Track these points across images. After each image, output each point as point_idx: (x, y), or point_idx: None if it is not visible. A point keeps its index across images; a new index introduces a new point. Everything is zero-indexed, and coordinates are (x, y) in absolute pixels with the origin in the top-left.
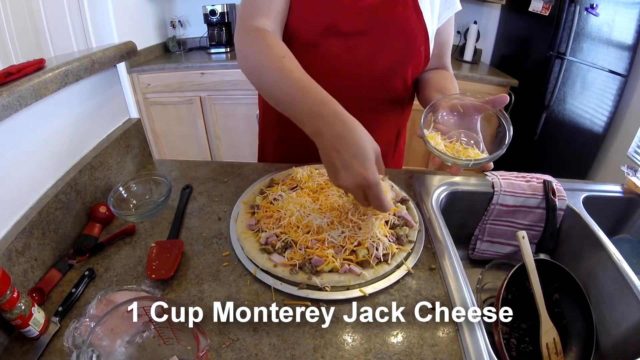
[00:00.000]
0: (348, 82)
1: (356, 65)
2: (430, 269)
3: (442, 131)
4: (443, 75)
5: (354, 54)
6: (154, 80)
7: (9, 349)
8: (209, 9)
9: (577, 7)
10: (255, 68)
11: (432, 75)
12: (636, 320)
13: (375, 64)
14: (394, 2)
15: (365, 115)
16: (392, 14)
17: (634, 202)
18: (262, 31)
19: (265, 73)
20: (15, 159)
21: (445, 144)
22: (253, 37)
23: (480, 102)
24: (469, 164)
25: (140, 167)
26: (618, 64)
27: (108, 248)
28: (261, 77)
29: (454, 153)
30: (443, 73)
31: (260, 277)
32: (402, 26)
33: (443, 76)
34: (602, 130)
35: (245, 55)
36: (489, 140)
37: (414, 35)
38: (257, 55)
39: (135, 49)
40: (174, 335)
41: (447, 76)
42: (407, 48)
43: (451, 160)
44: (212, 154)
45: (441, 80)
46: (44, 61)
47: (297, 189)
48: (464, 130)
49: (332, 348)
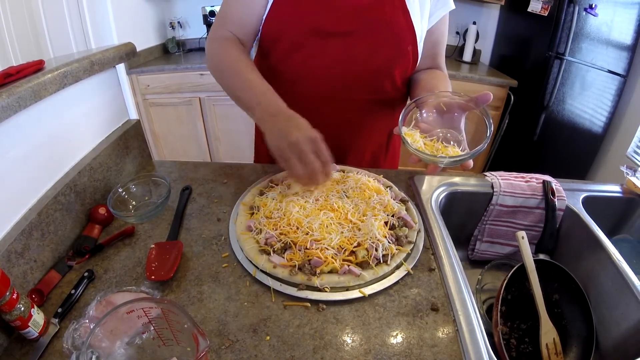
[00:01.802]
0: (335, 84)
1: (343, 67)
2: (430, 270)
3: (424, 129)
4: (435, 75)
5: (340, 54)
6: (153, 81)
7: (8, 350)
8: (208, 10)
9: (576, 8)
10: (220, 71)
11: (424, 75)
12: (636, 320)
13: (362, 65)
14: (381, 3)
15: (354, 116)
16: (379, 15)
17: (634, 202)
18: (227, 40)
19: (224, 73)
20: (15, 160)
21: (425, 142)
22: (218, 44)
23: (464, 101)
24: (444, 161)
25: (140, 168)
26: (617, 64)
27: (107, 249)
28: (222, 75)
29: (432, 151)
30: (435, 73)
31: (259, 278)
32: (390, 27)
33: (434, 76)
34: (601, 131)
35: (210, 59)
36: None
37: (402, 36)
38: (220, 59)
39: (135, 50)
40: (173, 337)
41: (438, 76)
42: (395, 49)
43: (428, 158)
44: (211, 155)
45: (432, 80)
46: (43, 62)
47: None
48: (448, 129)
49: (331, 349)
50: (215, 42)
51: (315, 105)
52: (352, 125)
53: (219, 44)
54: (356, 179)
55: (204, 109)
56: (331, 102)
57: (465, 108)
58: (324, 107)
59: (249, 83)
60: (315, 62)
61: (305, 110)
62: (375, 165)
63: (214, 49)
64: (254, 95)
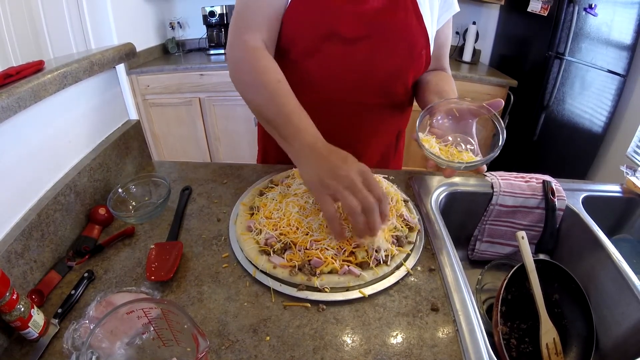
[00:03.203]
0: (348, 88)
1: (357, 71)
2: (430, 270)
3: (437, 135)
4: (441, 77)
5: (354, 59)
6: (153, 81)
7: (8, 350)
8: (208, 10)
9: (576, 7)
10: (249, 86)
11: (431, 77)
12: (636, 320)
13: (376, 69)
14: (395, 7)
15: (366, 120)
16: (393, 19)
17: (634, 202)
18: (257, 50)
19: (259, 92)
20: (15, 161)
21: (440, 147)
22: (244, 53)
23: (475, 107)
24: (462, 166)
25: (140, 168)
26: (617, 64)
27: (107, 250)
28: (255, 95)
29: (448, 156)
30: (441, 75)
31: (259, 279)
32: (404, 31)
33: (441, 78)
34: (601, 130)
35: (234, 70)
36: (484, 144)
37: (415, 40)
38: (252, 74)
39: (135, 50)
40: (173, 337)
41: (445, 78)
42: (409, 53)
43: (445, 163)
44: (211, 155)
45: (440, 83)
46: (43, 63)
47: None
48: (459, 134)
49: (331, 349)
50: (238, 49)
51: (327, 108)
52: (364, 129)
53: (246, 53)
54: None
55: (204, 110)
56: (343, 106)
57: (476, 114)
58: (336, 110)
59: (287, 112)
60: (329, 67)
61: (317, 113)
62: (384, 166)
63: (239, 59)
64: (292, 126)
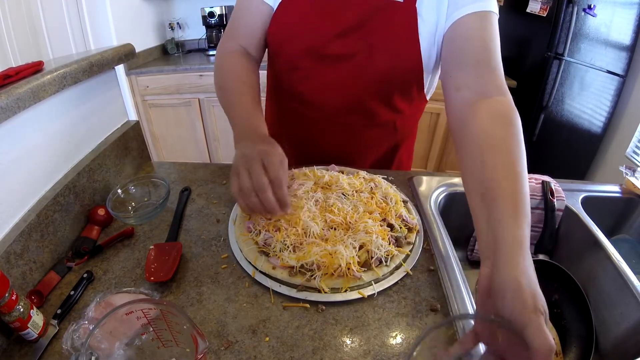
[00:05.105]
0: (329, 108)
1: (337, 91)
2: (429, 271)
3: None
4: (490, 132)
5: (333, 78)
6: (152, 82)
7: (7, 351)
8: (207, 11)
9: (575, 8)
10: (217, 84)
11: (475, 137)
12: (636, 320)
13: (357, 89)
14: (383, 25)
15: (349, 140)
16: (377, 39)
17: (633, 202)
18: (232, 54)
19: (222, 90)
20: (14, 162)
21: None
22: (224, 59)
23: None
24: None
25: (139, 169)
26: (616, 64)
27: (107, 250)
28: (219, 91)
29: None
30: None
31: (258, 279)
32: (388, 49)
33: (491, 139)
34: (600, 131)
35: (214, 73)
36: None
37: (402, 58)
38: (221, 74)
39: (134, 51)
40: (172, 338)
41: (496, 137)
42: (391, 74)
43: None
44: (210, 156)
45: (487, 153)
46: (42, 63)
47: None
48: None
49: (331, 350)
50: (221, 56)
51: (313, 121)
52: (349, 147)
53: (225, 59)
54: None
55: (203, 110)
56: (325, 126)
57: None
58: (321, 126)
59: (237, 102)
60: (307, 85)
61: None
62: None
63: (219, 64)
64: (237, 115)
